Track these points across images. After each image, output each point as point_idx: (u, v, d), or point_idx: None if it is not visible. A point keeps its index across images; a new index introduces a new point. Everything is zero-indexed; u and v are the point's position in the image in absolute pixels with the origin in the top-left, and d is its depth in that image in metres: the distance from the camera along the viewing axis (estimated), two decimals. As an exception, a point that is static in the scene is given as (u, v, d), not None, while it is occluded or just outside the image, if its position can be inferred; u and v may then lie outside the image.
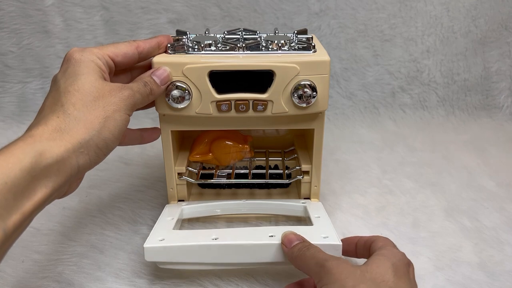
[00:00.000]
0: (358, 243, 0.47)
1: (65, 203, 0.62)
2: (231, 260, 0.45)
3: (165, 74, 0.47)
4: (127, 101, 0.41)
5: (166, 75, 0.47)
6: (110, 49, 0.44)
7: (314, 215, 0.52)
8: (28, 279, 0.49)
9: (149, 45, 0.47)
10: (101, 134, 0.39)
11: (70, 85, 0.39)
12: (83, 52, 0.42)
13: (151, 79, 0.45)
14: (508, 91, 0.95)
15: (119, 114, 0.40)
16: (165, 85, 0.47)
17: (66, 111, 0.38)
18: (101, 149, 0.39)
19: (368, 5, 0.88)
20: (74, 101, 0.38)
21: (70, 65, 0.41)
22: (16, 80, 0.87)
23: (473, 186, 0.69)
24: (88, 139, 0.38)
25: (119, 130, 0.41)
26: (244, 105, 0.49)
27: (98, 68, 0.41)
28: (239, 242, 0.45)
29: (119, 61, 0.44)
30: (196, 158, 0.59)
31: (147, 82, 0.45)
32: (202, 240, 0.45)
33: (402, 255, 0.42)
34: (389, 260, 0.40)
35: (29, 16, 0.84)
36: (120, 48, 0.44)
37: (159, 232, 0.47)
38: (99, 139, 0.39)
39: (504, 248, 0.55)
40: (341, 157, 0.77)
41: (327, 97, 0.50)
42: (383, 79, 0.92)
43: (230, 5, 0.86)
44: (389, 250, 0.42)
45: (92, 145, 0.38)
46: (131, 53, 0.45)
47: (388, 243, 0.44)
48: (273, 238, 0.45)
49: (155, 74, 0.46)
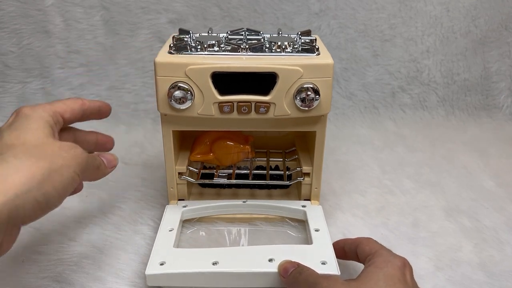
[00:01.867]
0: (345, 247, 0.47)
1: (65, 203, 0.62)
2: (231, 285, 0.46)
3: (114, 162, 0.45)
4: (78, 160, 0.38)
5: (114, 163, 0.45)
6: (59, 106, 0.42)
7: (313, 226, 0.52)
8: (28, 279, 0.49)
9: (93, 105, 0.46)
10: (42, 188, 0.34)
11: (16, 139, 0.36)
12: (34, 108, 0.40)
13: (100, 158, 0.43)
14: (508, 91, 0.95)
15: (67, 171, 0.36)
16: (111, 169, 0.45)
17: (6, 159, 0.34)
18: (40, 204, 0.34)
19: (368, 5, 0.88)
20: (16, 152, 0.35)
21: (18, 119, 0.38)
22: (16, 80, 0.87)
23: (473, 186, 0.69)
24: (26, 191, 0.33)
25: (63, 187, 0.36)
26: (246, 107, 0.49)
27: (48, 125, 0.39)
28: (238, 270, 0.45)
29: (67, 118, 0.43)
30: (197, 158, 0.59)
31: (96, 157, 0.43)
32: (202, 265, 0.46)
33: (394, 258, 0.41)
34: (381, 270, 0.39)
35: (29, 16, 0.84)
36: (67, 104, 0.43)
37: (159, 252, 0.48)
38: (39, 193, 0.34)
39: (504, 248, 0.55)
40: (341, 157, 0.77)
41: (330, 100, 0.50)
42: (383, 79, 0.92)
43: (230, 5, 0.86)
44: (380, 257, 0.41)
45: (30, 199, 0.33)
46: (78, 110, 0.44)
47: (374, 246, 0.44)
48: (272, 264, 0.45)
49: (104, 156, 0.44)
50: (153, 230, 0.57)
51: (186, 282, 0.46)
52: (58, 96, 0.87)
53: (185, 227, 0.57)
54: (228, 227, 0.57)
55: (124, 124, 0.85)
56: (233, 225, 0.58)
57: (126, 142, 0.80)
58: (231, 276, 0.45)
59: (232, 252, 0.48)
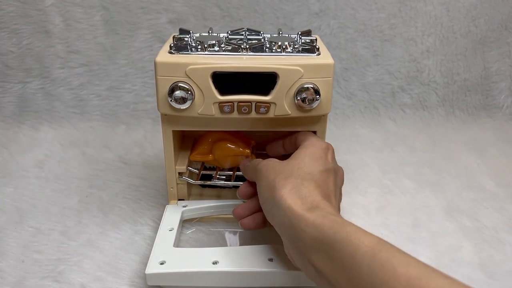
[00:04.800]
0: (284, 142, 0.55)
1: (65, 203, 0.63)
2: (231, 285, 0.46)
3: None
4: None
5: None
6: None
7: None
8: (28, 279, 0.49)
9: None
10: None
11: None
12: None
13: None
14: (508, 91, 0.95)
15: None
16: None
17: None
18: None
19: (368, 5, 0.88)
20: None
21: None
22: (16, 80, 0.87)
23: (473, 186, 0.69)
24: None
25: None
26: (246, 107, 0.49)
27: None
28: (238, 270, 0.45)
29: None
30: (196, 158, 0.59)
31: None
32: (202, 265, 0.46)
33: (319, 141, 0.49)
34: (306, 149, 0.47)
35: (29, 16, 0.84)
36: None
37: (159, 252, 0.48)
38: None
39: (504, 248, 0.55)
40: (341, 157, 0.77)
41: (330, 100, 0.50)
42: (383, 79, 0.92)
43: (230, 5, 0.86)
44: (309, 141, 0.49)
45: None
46: None
47: (309, 135, 0.51)
48: (272, 263, 0.46)
49: None
50: (153, 230, 0.57)
51: (186, 281, 0.46)
52: (58, 96, 0.87)
53: (185, 227, 0.57)
54: (228, 227, 0.57)
55: (124, 124, 0.85)
56: (233, 225, 0.58)
57: (126, 142, 0.80)
58: (231, 275, 0.45)
59: (232, 252, 0.48)
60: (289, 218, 0.39)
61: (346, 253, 0.34)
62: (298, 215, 0.39)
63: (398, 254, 0.33)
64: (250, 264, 0.46)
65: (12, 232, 0.56)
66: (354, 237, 0.34)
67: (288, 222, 0.39)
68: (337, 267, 0.34)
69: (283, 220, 0.40)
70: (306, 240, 0.37)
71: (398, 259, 0.32)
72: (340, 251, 0.34)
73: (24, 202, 0.63)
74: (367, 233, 0.35)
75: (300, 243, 0.38)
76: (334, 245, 0.35)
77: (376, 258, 0.32)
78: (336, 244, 0.35)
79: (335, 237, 0.35)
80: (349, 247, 0.34)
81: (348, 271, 0.33)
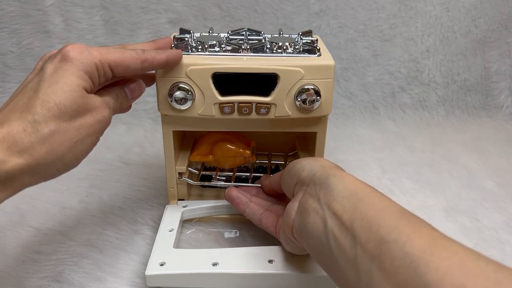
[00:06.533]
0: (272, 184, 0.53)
1: (65, 203, 0.62)
2: (231, 286, 0.46)
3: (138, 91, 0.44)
4: (103, 124, 0.39)
5: (139, 92, 0.44)
6: (114, 57, 0.39)
7: None
8: (28, 279, 0.49)
9: (157, 62, 0.42)
10: (64, 159, 0.36)
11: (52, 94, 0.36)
12: (82, 54, 0.37)
13: (123, 92, 0.43)
14: (508, 91, 0.95)
15: (91, 139, 0.38)
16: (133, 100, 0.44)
17: (36, 127, 0.34)
18: (60, 171, 0.37)
19: (368, 5, 0.88)
20: (48, 118, 0.35)
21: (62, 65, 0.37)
22: (16, 80, 0.87)
23: (473, 186, 0.69)
24: (49, 162, 0.35)
25: (84, 154, 0.38)
26: (247, 107, 0.49)
27: (88, 77, 0.37)
28: (238, 271, 0.45)
29: (118, 72, 0.40)
30: (196, 158, 0.59)
31: (118, 95, 0.42)
32: (202, 266, 0.46)
33: None
34: None
35: (29, 16, 0.84)
36: (124, 59, 0.40)
37: (159, 253, 0.48)
38: (61, 163, 0.36)
39: (504, 248, 0.55)
40: (341, 157, 0.77)
41: (330, 101, 0.50)
42: (383, 79, 0.92)
43: (230, 5, 0.86)
44: None
45: (52, 168, 0.36)
46: (134, 68, 0.40)
47: None
48: (272, 265, 0.46)
49: (129, 87, 0.43)
50: (153, 230, 0.57)
51: (186, 282, 0.45)
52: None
53: (185, 227, 0.57)
54: (228, 228, 0.57)
55: (124, 124, 0.85)
56: (233, 226, 0.58)
57: (126, 142, 0.80)
58: (231, 277, 0.45)
59: (232, 253, 0.48)
60: None
61: None
62: None
63: None
64: (250, 266, 0.46)
65: (12, 232, 0.56)
66: None
67: None
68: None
69: None
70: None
71: None
72: None
73: (24, 202, 0.62)
74: None
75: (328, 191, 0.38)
76: None
77: None
78: None
79: None
80: None
81: None
